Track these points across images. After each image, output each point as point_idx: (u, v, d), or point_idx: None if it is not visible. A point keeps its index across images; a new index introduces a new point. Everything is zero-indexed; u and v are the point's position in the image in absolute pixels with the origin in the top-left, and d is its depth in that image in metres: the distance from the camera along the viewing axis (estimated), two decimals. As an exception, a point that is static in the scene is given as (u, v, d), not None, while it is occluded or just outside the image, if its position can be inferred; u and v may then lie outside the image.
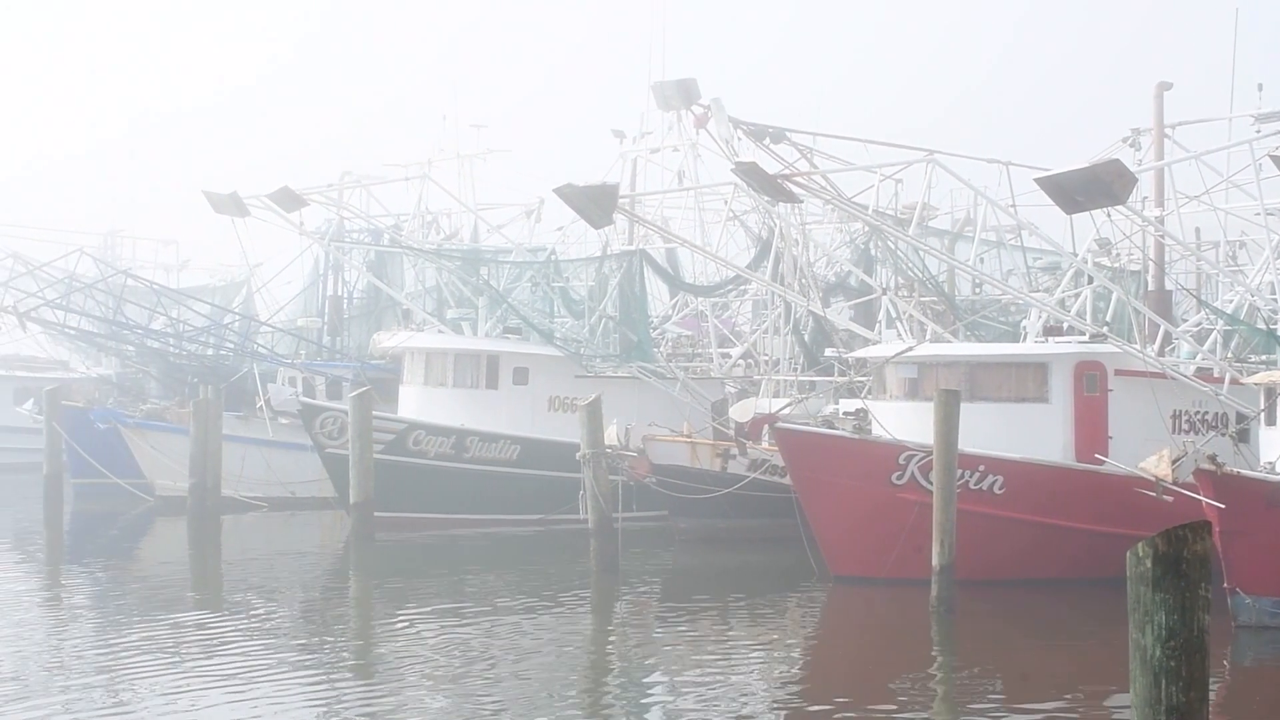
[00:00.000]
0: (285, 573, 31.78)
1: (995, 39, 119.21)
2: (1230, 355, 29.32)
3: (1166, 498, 23.78)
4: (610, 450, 30.50)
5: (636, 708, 19.30)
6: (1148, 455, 24.79)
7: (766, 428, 31.43)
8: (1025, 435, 27.95)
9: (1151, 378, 27.86)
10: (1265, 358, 29.23)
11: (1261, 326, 29.72)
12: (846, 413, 30.11)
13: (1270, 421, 25.29)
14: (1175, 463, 23.94)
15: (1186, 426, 28.39)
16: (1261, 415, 25.53)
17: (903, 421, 27.97)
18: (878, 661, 22.60)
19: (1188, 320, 33.04)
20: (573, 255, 42.60)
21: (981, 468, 27.24)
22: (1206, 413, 28.66)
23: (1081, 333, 28.67)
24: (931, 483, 25.59)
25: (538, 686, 20.12)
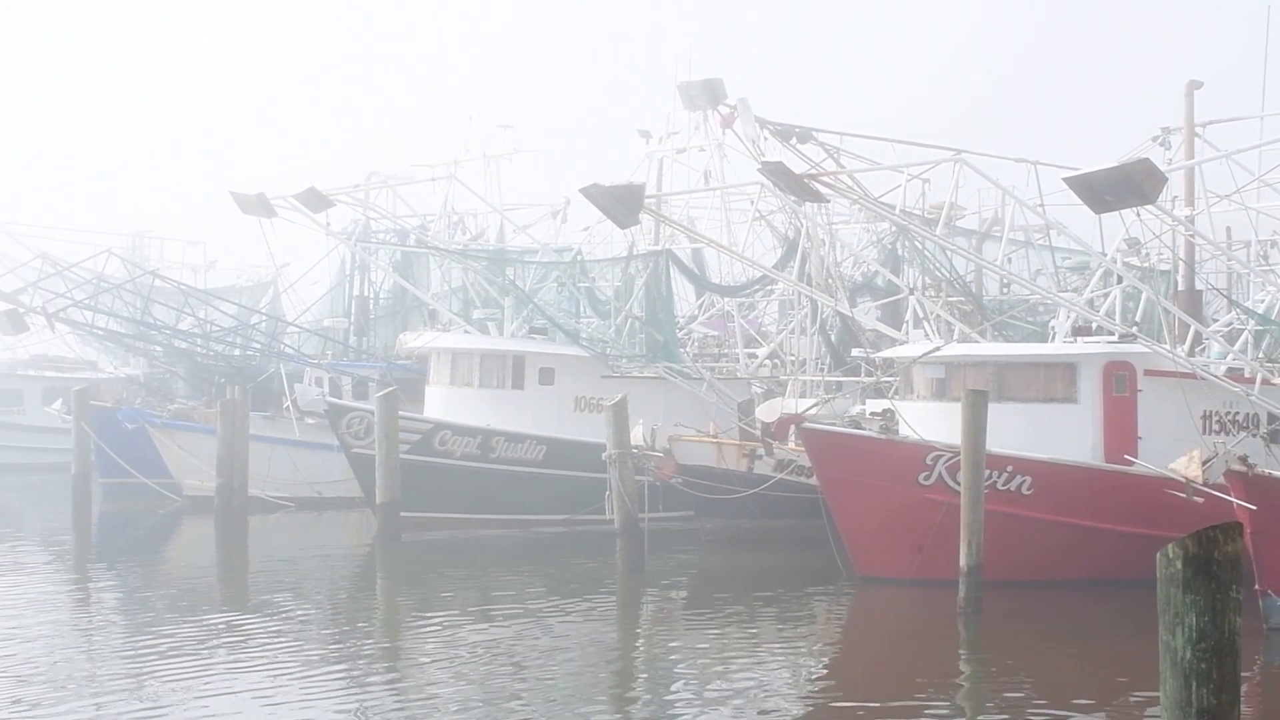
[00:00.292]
0: (312, 573, 31.83)
1: (1017, 37, 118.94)
2: (1261, 355, 29.11)
3: (1197, 499, 23.62)
4: (636, 450, 30.48)
5: (663, 708, 19.24)
6: (1177, 456, 24.63)
7: (793, 428, 31.33)
8: (1054, 436, 27.79)
9: (1181, 378, 27.65)
10: (1296, 358, 29.04)
11: (1293, 326, 29.50)
12: (873, 413, 29.97)
13: (1301, 422, 25.12)
14: (1206, 464, 23.79)
15: (1217, 427, 28.18)
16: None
17: (930, 422, 27.85)
18: (904, 662, 22.49)
19: (1218, 320, 32.81)
20: (599, 255, 42.58)
21: (1009, 468, 27.10)
22: (1237, 413, 28.44)
23: (1110, 333, 28.49)
24: (959, 483, 25.49)
25: (565, 687, 20.09)
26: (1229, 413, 28.45)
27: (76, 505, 41.26)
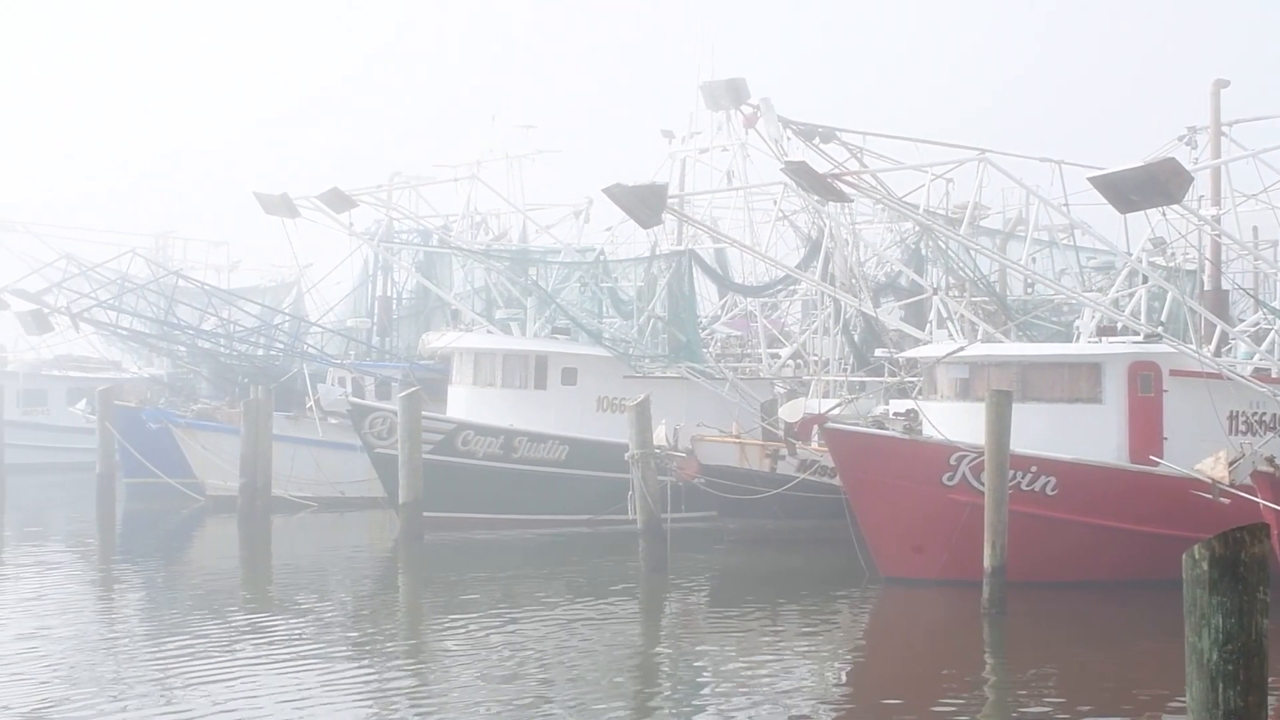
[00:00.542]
0: (334, 573, 31.89)
1: (1038, 33, 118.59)
2: (1288, 355, 28.94)
3: (1223, 500, 23.50)
4: (659, 451, 30.43)
5: (686, 708, 19.20)
6: (1203, 457, 24.51)
7: (816, 428, 31.26)
8: (1078, 436, 27.66)
9: (1207, 378, 27.50)
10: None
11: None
12: (897, 413, 29.89)
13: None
14: (1232, 464, 23.66)
15: (1243, 428, 28.03)
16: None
17: (954, 422, 27.75)
18: (928, 663, 22.42)
19: (1245, 320, 32.64)
20: (621, 255, 42.57)
21: (1034, 469, 26.98)
22: (1264, 414, 28.28)
23: (1136, 333, 28.36)
24: (983, 484, 25.38)
25: (588, 686, 20.07)
26: (1255, 413, 28.30)
27: (101, 505, 41.44)
